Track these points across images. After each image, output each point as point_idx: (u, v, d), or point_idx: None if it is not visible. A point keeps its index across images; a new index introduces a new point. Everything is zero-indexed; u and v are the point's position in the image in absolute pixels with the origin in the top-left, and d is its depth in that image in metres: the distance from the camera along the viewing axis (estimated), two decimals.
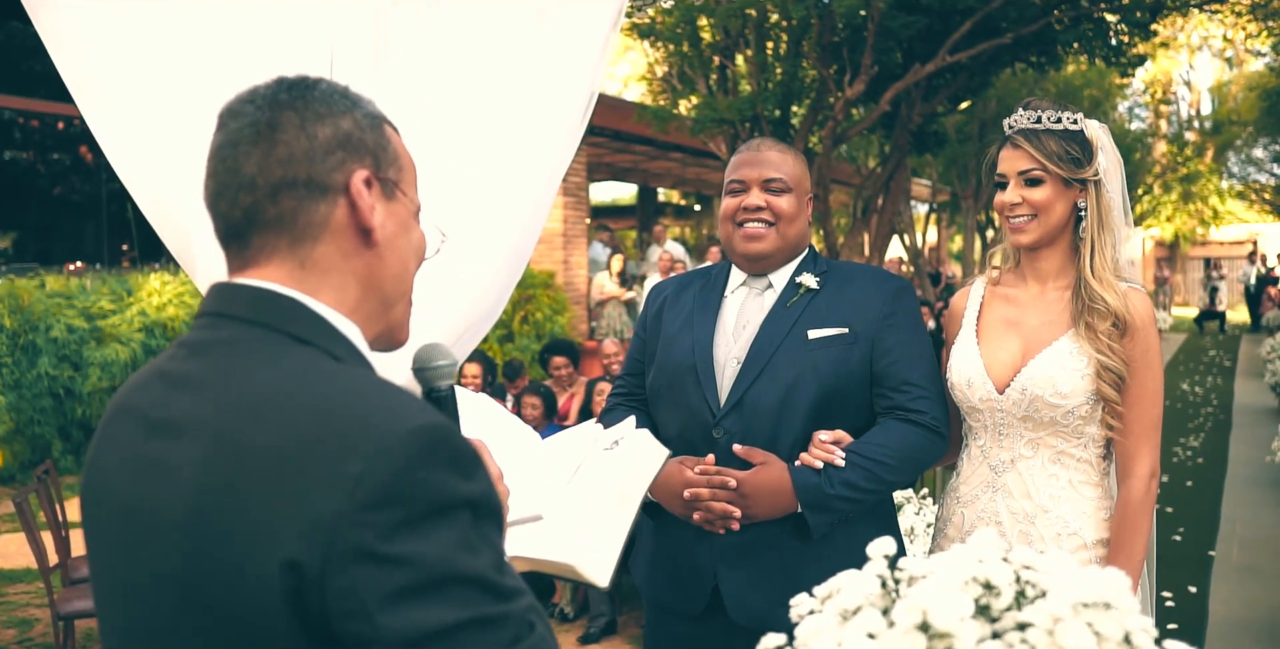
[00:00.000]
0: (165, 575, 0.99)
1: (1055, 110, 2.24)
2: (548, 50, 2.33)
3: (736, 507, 2.17)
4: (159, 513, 1.00)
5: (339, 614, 0.91)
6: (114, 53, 2.07)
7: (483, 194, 2.27)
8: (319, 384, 1.00)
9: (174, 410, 1.03)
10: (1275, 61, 17.87)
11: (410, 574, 0.90)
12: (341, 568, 0.90)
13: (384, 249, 1.12)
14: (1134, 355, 2.19)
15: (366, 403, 0.98)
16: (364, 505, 0.91)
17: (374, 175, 1.11)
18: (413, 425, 0.95)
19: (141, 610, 1.02)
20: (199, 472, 0.98)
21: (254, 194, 1.07)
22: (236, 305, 1.08)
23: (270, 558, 0.91)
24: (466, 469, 0.98)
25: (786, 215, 2.33)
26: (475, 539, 0.96)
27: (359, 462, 0.92)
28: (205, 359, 1.06)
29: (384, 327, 1.16)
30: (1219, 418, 11.66)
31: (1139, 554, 2.16)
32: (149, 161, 2.14)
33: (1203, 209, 32.29)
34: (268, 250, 1.09)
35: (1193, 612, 5.33)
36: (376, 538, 0.90)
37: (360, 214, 1.09)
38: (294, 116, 1.08)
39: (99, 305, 8.75)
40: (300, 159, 1.07)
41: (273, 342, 1.05)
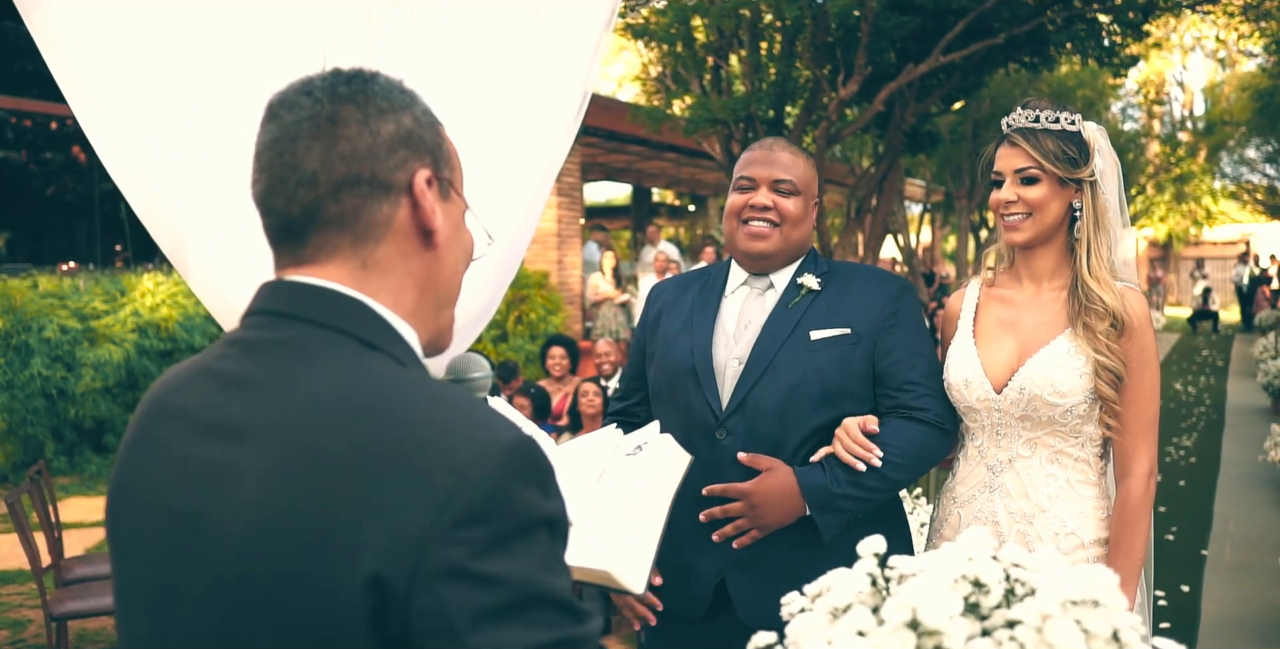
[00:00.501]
0: (224, 584, 0.94)
1: (1054, 110, 2.25)
2: (541, 50, 2.33)
3: (748, 518, 2.17)
4: (218, 520, 0.96)
5: (423, 633, 0.88)
6: (107, 53, 2.07)
7: (477, 194, 2.27)
8: (400, 393, 0.96)
9: (232, 413, 0.99)
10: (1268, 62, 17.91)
11: (499, 594, 0.88)
12: (429, 586, 0.87)
13: (442, 251, 1.09)
14: (1131, 355, 2.20)
15: (453, 415, 0.94)
16: (456, 522, 0.88)
17: (434, 175, 1.08)
18: (506, 440, 0.93)
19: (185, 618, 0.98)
20: (268, 479, 0.94)
21: (315, 190, 1.02)
22: (297, 304, 1.03)
23: (354, 573, 0.88)
24: (548, 486, 0.95)
25: (792, 217, 2.33)
26: (554, 559, 0.94)
27: (450, 476, 0.89)
28: (265, 360, 1.01)
29: (435, 330, 1.13)
30: (1212, 417, 11.69)
31: (1139, 553, 2.17)
32: (142, 162, 2.14)
33: (1196, 209, 32.36)
34: (328, 249, 1.04)
35: (1186, 610, 5.34)
36: (468, 556, 0.87)
37: (423, 214, 1.06)
38: (355, 110, 1.04)
39: (92, 306, 8.73)
40: (364, 156, 1.03)
41: (340, 345, 1.01)
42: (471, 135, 2.28)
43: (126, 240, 12.11)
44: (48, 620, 4.20)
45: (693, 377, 2.30)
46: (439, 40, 2.26)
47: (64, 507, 7.08)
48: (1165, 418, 11.14)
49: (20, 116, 12.59)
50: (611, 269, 12.86)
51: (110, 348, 8.52)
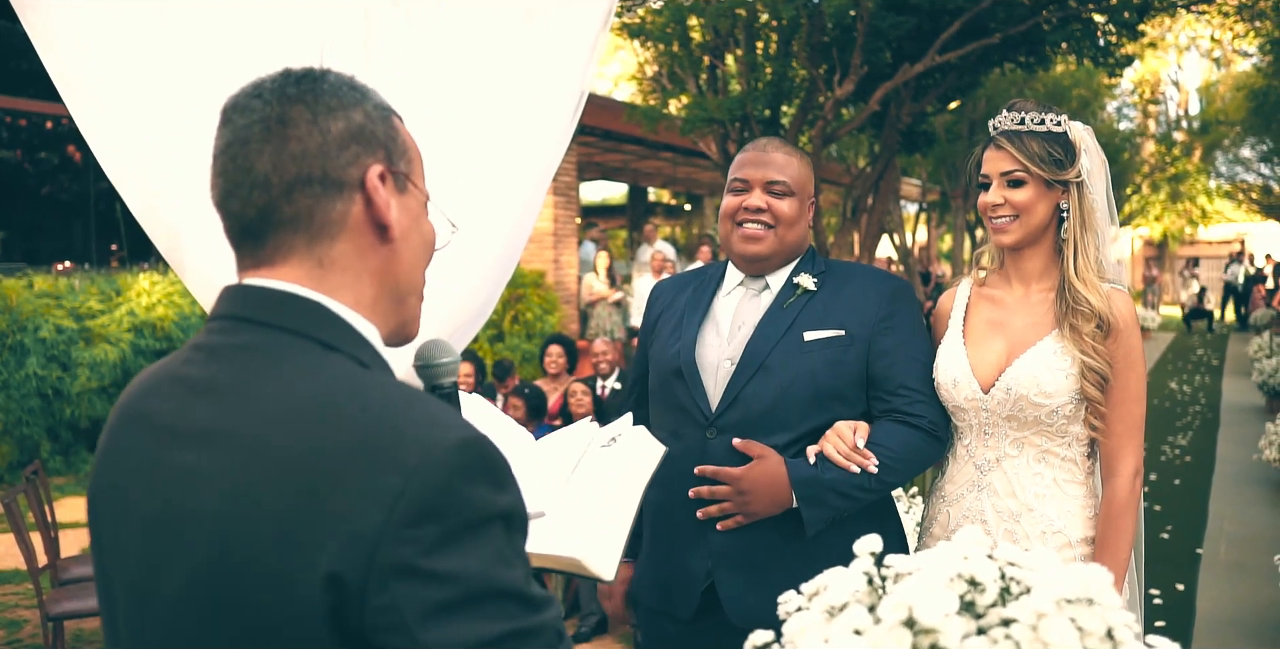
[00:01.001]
0: (195, 584, 0.97)
1: (1039, 112, 2.26)
2: (538, 50, 2.33)
3: (735, 503, 2.17)
4: (188, 522, 0.98)
5: (379, 629, 0.90)
6: (104, 52, 2.06)
7: (473, 193, 2.27)
8: (356, 394, 0.98)
9: (197, 417, 1.01)
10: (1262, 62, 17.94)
11: (451, 590, 0.90)
12: (382, 584, 0.89)
13: (399, 244, 1.10)
14: (1117, 356, 2.21)
15: (406, 415, 0.96)
16: (405, 521, 0.90)
17: (387, 169, 1.09)
18: (455, 439, 0.94)
19: (161, 618, 1.00)
20: (233, 481, 0.96)
21: (269, 193, 1.04)
22: (257, 309, 1.05)
23: (312, 572, 0.90)
24: (502, 482, 0.97)
25: (786, 219, 2.32)
26: (509, 552, 0.95)
27: (400, 476, 0.91)
28: (228, 365, 1.03)
29: (398, 322, 1.14)
30: (1207, 416, 11.71)
31: (1124, 552, 2.18)
32: (139, 162, 2.14)
33: (1191, 209, 32.45)
34: (284, 249, 1.06)
35: (1180, 609, 5.35)
36: (417, 554, 0.89)
37: (377, 210, 1.07)
38: (305, 111, 1.05)
39: (87, 305, 8.71)
40: (315, 155, 1.04)
41: (300, 348, 1.03)
42: (468, 135, 2.28)
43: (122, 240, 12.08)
44: (44, 620, 4.20)
45: (679, 376, 2.30)
46: (435, 40, 2.26)
47: (60, 506, 7.07)
48: (1160, 417, 11.20)
49: (16, 116, 12.56)
50: (605, 268, 12.86)
51: (106, 347, 8.52)
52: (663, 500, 2.33)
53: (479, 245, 2.28)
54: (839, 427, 2.19)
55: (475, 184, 2.29)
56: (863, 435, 2.18)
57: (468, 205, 2.24)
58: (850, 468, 2.14)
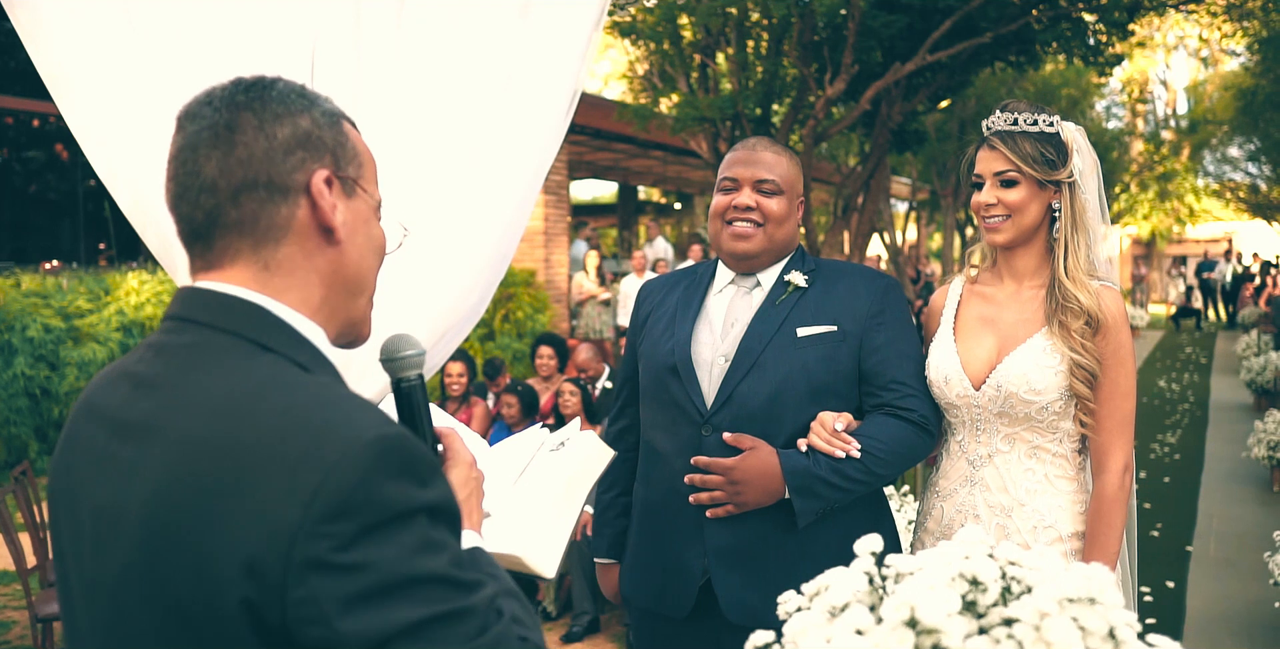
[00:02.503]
0: (129, 571, 0.99)
1: (1032, 112, 2.27)
2: (530, 49, 2.32)
3: (727, 493, 2.18)
4: (122, 513, 1.01)
5: (299, 621, 0.92)
6: (93, 50, 2.05)
7: (465, 192, 2.27)
8: (282, 393, 1.01)
9: (137, 412, 1.05)
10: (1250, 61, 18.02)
11: (367, 579, 0.92)
12: (300, 578, 0.91)
13: (346, 246, 1.14)
14: (1106, 353, 2.22)
15: (326, 413, 0.98)
16: (321, 517, 0.92)
17: (334, 174, 1.12)
18: (371, 436, 0.96)
19: (105, 610, 1.03)
20: (160, 474, 0.99)
21: (215, 197, 1.08)
22: (201, 310, 1.09)
23: (230, 560, 0.92)
24: (423, 477, 0.99)
25: (775, 217, 2.33)
26: (434, 538, 0.97)
27: (317, 472, 0.93)
28: (170, 363, 1.07)
29: (346, 323, 1.18)
30: (1196, 414, 11.76)
31: (1114, 547, 2.20)
32: (129, 160, 2.12)
33: (1179, 207, 32.57)
34: (231, 252, 1.10)
35: (1171, 606, 5.37)
36: (332, 549, 0.91)
37: (322, 213, 1.11)
38: (252, 117, 1.09)
39: (76, 304, 8.67)
40: (260, 160, 1.08)
41: (237, 348, 1.06)
42: (460, 133, 2.27)
43: (110, 238, 12.03)
44: (33, 621, 4.18)
45: (674, 374, 2.31)
46: (427, 39, 2.25)
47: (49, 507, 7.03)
48: (1150, 415, 11.25)
49: (3, 114, 12.50)
50: (595, 267, 12.86)
51: (94, 347, 8.47)
52: (657, 498, 2.34)
53: (471, 245, 2.27)
54: (823, 416, 2.21)
55: (467, 183, 2.28)
56: (844, 423, 2.19)
57: (460, 204, 2.24)
58: (834, 452, 2.15)
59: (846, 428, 2.19)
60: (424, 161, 2.20)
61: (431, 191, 2.20)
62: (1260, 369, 11.75)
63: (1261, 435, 7.92)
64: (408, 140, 2.18)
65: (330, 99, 1.18)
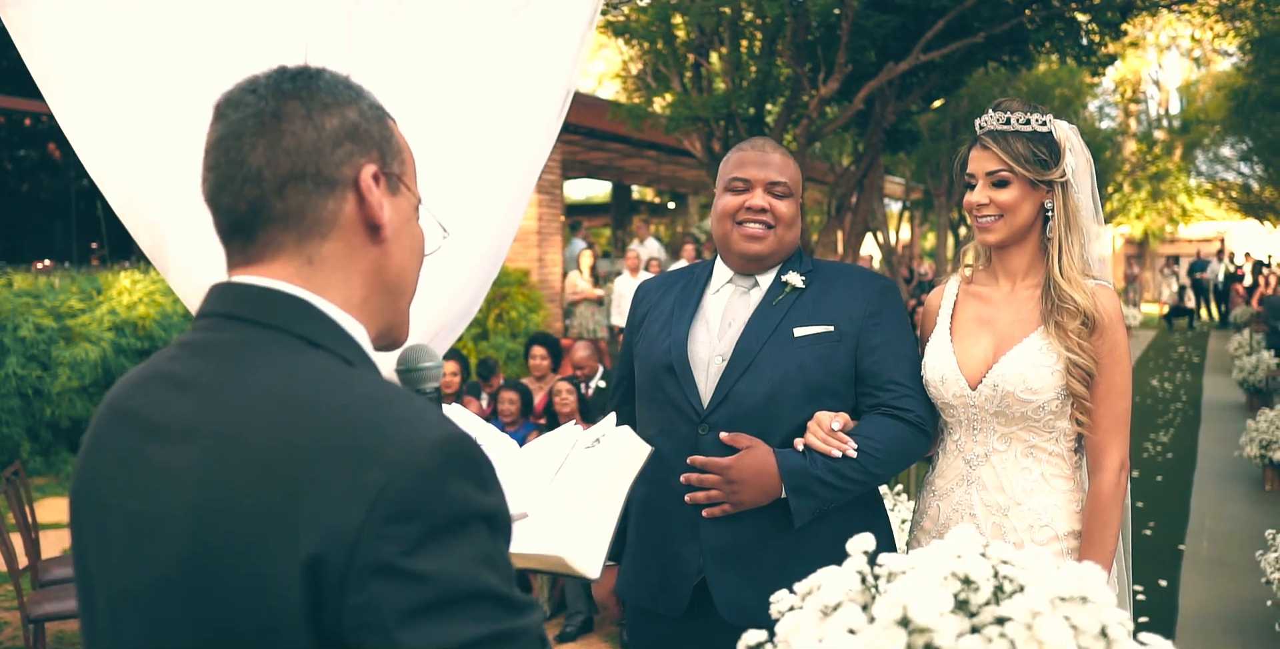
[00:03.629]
0: (170, 581, 0.95)
1: (1024, 112, 2.27)
2: (523, 49, 2.32)
3: (724, 492, 2.18)
4: (163, 518, 0.96)
5: (355, 627, 0.88)
6: (86, 49, 2.04)
7: (459, 192, 2.26)
8: (337, 390, 0.97)
9: (177, 413, 1.00)
10: (1242, 61, 18.07)
11: (430, 590, 0.88)
12: (361, 582, 0.88)
13: (391, 244, 1.09)
14: (1102, 352, 2.23)
15: (387, 411, 0.95)
16: (386, 518, 0.88)
17: (381, 169, 1.08)
18: (437, 436, 0.93)
19: (139, 622, 0.99)
20: (208, 476, 0.95)
21: (260, 187, 1.03)
22: (244, 306, 1.04)
23: (291, 563, 0.89)
24: (485, 481, 0.95)
25: (786, 219, 2.35)
26: (493, 553, 0.94)
27: (382, 472, 0.89)
28: (211, 361, 1.02)
29: (387, 324, 1.13)
30: (1188, 413, 11.79)
31: (1110, 546, 2.20)
32: (121, 160, 2.12)
33: (1171, 207, 32.67)
34: (274, 246, 1.05)
35: (1163, 605, 5.39)
36: (398, 553, 0.88)
37: (369, 209, 1.06)
38: (299, 106, 1.04)
39: (68, 304, 8.64)
40: (309, 151, 1.03)
41: (284, 344, 1.01)
42: (453, 134, 2.27)
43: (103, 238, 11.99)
44: (25, 622, 4.16)
45: (670, 373, 2.31)
46: (420, 38, 2.24)
47: (40, 507, 7.02)
48: (1143, 414, 11.27)
49: None
50: (589, 267, 12.85)
51: (87, 347, 8.45)
52: (653, 497, 2.33)
53: (465, 244, 2.27)
54: (819, 415, 2.21)
55: (461, 182, 2.28)
56: (840, 423, 2.19)
57: (453, 204, 2.23)
58: (830, 452, 2.15)
59: (843, 428, 2.19)
60: (417, 160, 2.20)
61: (425, 191, 2.20)
62: (1252, 368, 11.79)
63: (1254, 434, 7.94)
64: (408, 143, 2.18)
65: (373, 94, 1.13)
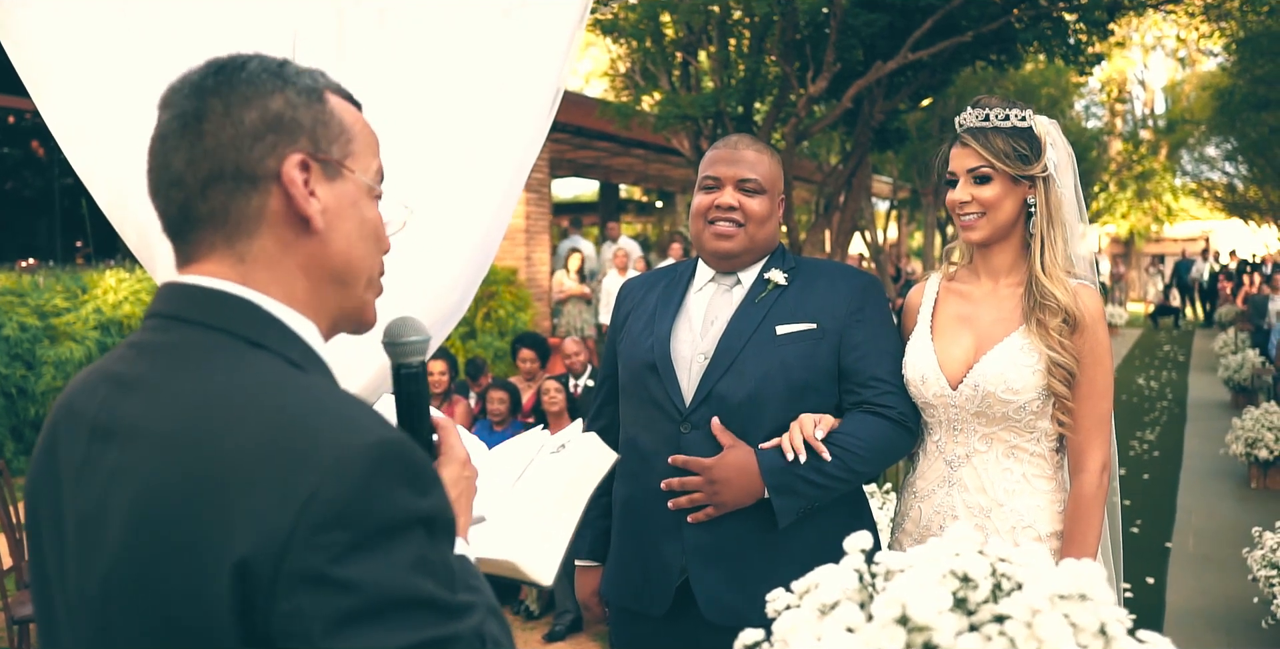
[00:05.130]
0: (113, 582, 0.95)
1: (1003, 108, 2.26)
2: (513, 48, 2.31)
3: (706, 493, 2.17)
4: (107, 518, 0.96)
5: (284, 634, 0.87)
6: (73, 47, 2.03)
7: (447, 191, 2.25)
8: (275, 393, 0.96)
9: (122, 414, 1.00)
10: (1227, 61, 18.17)
11: (358, 599, 0.87)
12: (289, 589, 0.87)
13: (328, 234, 1.07)
14: (1083, 351, 2.21)
15: (322, 415, 0.94)
16: (315, 526, 0.87)
17: (311, 156, 1.05)
18: (370, 440, 0.91)
19: (89, 621, 0.99)
20: (147, 477, 0.94)
21: (184, 190, 1.03)
22: (186, 307, 1.04)
23: (221, 563, 0.88)
24: (423, 484, 0.94)
25: (757, 217, 2.33)
26: (429, 556, 0.93)
27: (313, 477, 0.88)
28: (155, 363, 1.02)
29: (339, 314, 1.11)
30: (1174, 412, 11.85)
31: (1091, 546, 2.19)
32: (107, 157, 2.10)
33: (1157, 206, 32.84)
34: (205, 246, 1.05)
35: (1150, 602, 5.41)
36: (326, 560, 0.87)
37: (295, 202, 1.04)
38: (219, 103, 1.03)
39: (52, 303, 8.58)
40: (227, 148, 1.02)
41: (225, 345, 1.01)
42: (442, 133, 2.26)
43: (87, 237, 11.91)
44: (9, 622, 4.13)
45: (653, 371, 2.30)
46: (410, 38, 2.23)
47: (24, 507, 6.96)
48: (1128, 412, 11.32)
49: None
50: (576, 268, 12.86)
51: (71, 346, 8.39)
52: (635, 496, 2.33)
53: (454, 243, 2.26)
54: (802, 418, 2.20)
55: (450, 181, 2.27)
56: (824, 427, 2.18)
57: (442, 202, 2.22)
58: (800, 453, 2.14)
59: (828, 431, 2.18)
60: (406, 160, 2.18)
61: (413, 190, 2.19)
62: (1238, 367, 11.86)
63: (1239, 432, 7.98)
64: (389, 138, 2.15)
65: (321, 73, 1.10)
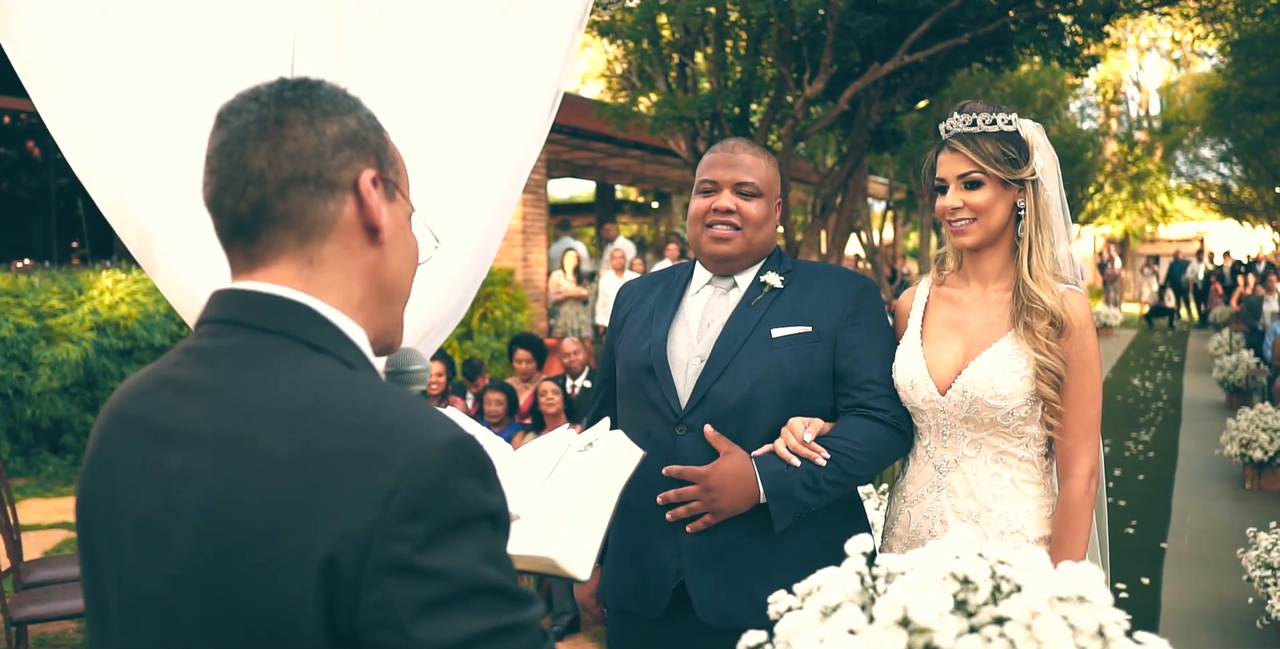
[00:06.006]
0: (183, 583, 0.98)
1: (990, 112, 2.25)
2: (512, 49, 2.32)
3: (703, 501, 2.18)
4: (175, 520, 0.99)
5: (370, 625, 0.92)
6: (73, 48, 2.03)
7: (447, 193, 2.26)
8: (343, 394, 1.00)
9: (185, 418, 1.03)
10: (1221, 63, 18.22)
11: (441, 586, 0.92)
12: (375, 580, 0.91)
13: (388, 248, 1.13)
14: (1071, 355, 2.21)
15: (394, 414, 0.98)
16: (397, 518, 0.92)
17: (379, 175, 1.12)
18: (444, 437, 0.97)
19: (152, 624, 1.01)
20: (216, 480, 0.98)
21: (262, 189, 1.07)
22: (247, 312, 1.07)
23: (306, 563, 0.92)
24: (489, 481, 1.00)
25: (755, 220, 2.34)
26: (496, 550, 0.98)
27: (391, 474, 0.93)
28: (217, 367, 1.05)
29: (383, 327, 1.17)
30: (1169, 412, 11.88)
31: (1079, 551, 2.18)
32: (107, 159, 2.11)
33: (1152, 207, 32.89)
34: (275, 247, 1.08)
35: (1146, 602, 5.43)
36: (411, 550, 0.92)
37: (368, 212, 1.10)
38: (301, 113, 1.08)
39: (49, 304, 8.57)
40: (310, 155, 1.07)
41: (287, 349, 1.05)
42: (442, 135, 2.27)
43: (84, 237, 11.89)
44: (7, 625, 4.12)
45: (650, 373, 2.31)
46: (410, 39, 2.24)
47: (21, 509, 6.97)
48: (1124, 413, 11.35)
49: None
50: (573, 268, 12.86)
51: (68, 347, 8.38)
52: (630, 498, 2.33)
53: (453, 245, 2.27)
54: (792, 422, 2.21)
55: (449, 183, 2.27)
56: (813, 431, 2.19)
57: (443, 204, 2.23)
58: (792, 460, 2.15)
59: (818, 434, 2.19)
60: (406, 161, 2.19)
61: (415, 192, 2.19)
62: (1232, 368, 11.89)
63: (1234, 433, 8.00)
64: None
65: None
